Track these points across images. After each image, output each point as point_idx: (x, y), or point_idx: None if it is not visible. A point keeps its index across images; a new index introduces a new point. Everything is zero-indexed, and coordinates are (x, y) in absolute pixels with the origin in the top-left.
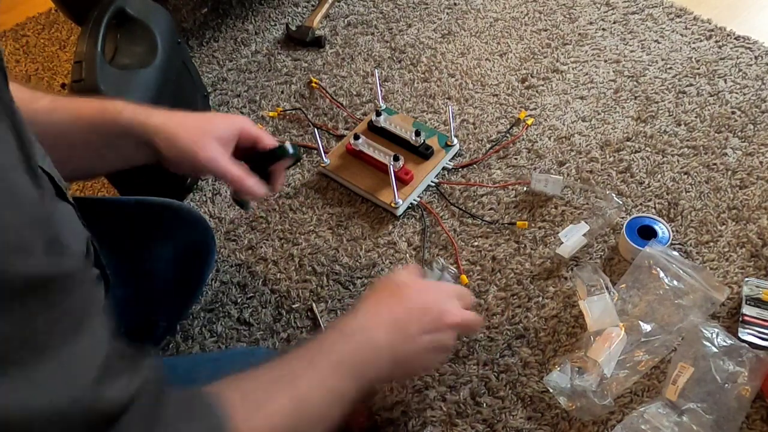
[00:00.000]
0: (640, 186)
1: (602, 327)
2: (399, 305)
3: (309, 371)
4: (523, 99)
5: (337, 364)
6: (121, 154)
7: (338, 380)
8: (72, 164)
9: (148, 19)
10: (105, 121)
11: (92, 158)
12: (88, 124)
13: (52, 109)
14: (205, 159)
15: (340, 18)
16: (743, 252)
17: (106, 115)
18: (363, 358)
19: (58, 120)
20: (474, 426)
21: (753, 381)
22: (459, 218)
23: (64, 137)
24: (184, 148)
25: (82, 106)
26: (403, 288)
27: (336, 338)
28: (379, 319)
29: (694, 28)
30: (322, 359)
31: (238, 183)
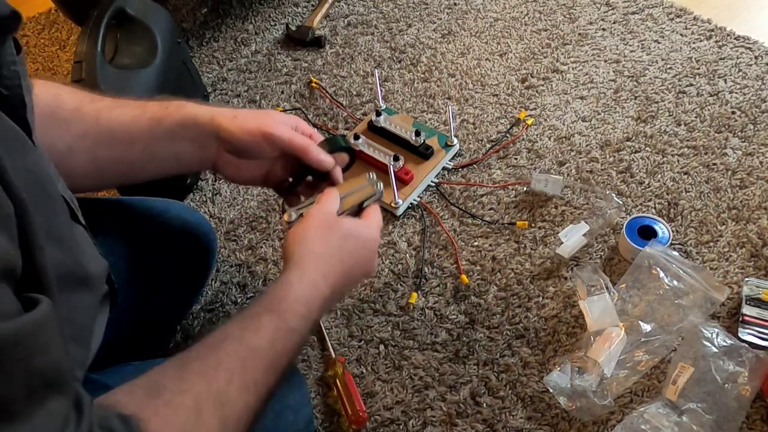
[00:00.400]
0: (640, 186)
1: (602, 327)
2: (341, 264)
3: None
4: (523, 99)
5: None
6: (176, 151)
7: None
8: (126, 164)
9: (148, 19)
10: (169, 112)
11: (148, 157)
12: (152, 117)
13: (117, 105)
14: (269, 129)
15: (340, 18)
16: (743, 252)
17: (170, 107)
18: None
19: (121, 114)
20: (474, 426)
21: (753, 381)
22: (459, 218)
23: (125, 131)
24: (248, 123)
25: (146, 102)
26: (342, 240)
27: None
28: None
29: (694, 28)
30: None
31: (304, 148)
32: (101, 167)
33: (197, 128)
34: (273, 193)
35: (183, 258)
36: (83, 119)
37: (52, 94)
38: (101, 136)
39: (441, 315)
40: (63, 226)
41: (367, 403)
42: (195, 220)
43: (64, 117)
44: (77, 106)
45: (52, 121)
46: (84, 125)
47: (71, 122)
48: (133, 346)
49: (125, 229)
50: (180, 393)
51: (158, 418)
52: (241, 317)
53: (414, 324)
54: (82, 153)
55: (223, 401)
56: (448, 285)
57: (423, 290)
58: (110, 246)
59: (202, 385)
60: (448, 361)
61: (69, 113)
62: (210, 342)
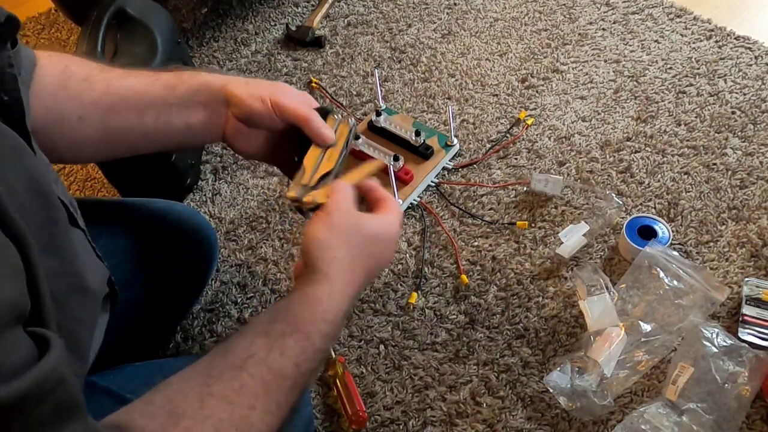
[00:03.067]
0: (640, 186)
1: (602, 327)
2: (366, 271)
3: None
4: (523, 99)
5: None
6: (189, 119)
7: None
8: (139, 132)
9: (148, 19)
10: (183, 79)
11: (160, 124)
12: (165, 84)
13: (127, 74)
14: (277, 98)
15: (340, 18)
16: (743, 252)
17: (184, 75)
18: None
19: (134, 82)
20: (474, 426)
21: (753, 381)
22: (459, 218)
23: (138, 98)
24: (258, 89)
25: (159, 71)
26: (368, 245)
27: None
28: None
29: (694, 28)
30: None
31: (307, 119)
32: (113, 136)
33: (209, 94)
34: (273, 193)
35: (184, 259)
36: (94, 88)
37: (61, 65)
38: (113, 103)
39: (441, 315)
40: (61, 234)
41: (367, 403)
42: (196, 221)
43: (74, 87)
44: (87, 76)
45: (63, 92)
46: (95, 94)
47: (82, 92)
48: (133, 346)
49: (127, 230)
50: (201, 420)
51: None
52: (266, 334)
53: (414, 324)
54: (94, 122)
55: (245, 427)
56: (448, 285)
57: (423, 290)
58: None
59: (224, 411)
60: (448, 361)
61: (79, 83)
62: (233, 360)
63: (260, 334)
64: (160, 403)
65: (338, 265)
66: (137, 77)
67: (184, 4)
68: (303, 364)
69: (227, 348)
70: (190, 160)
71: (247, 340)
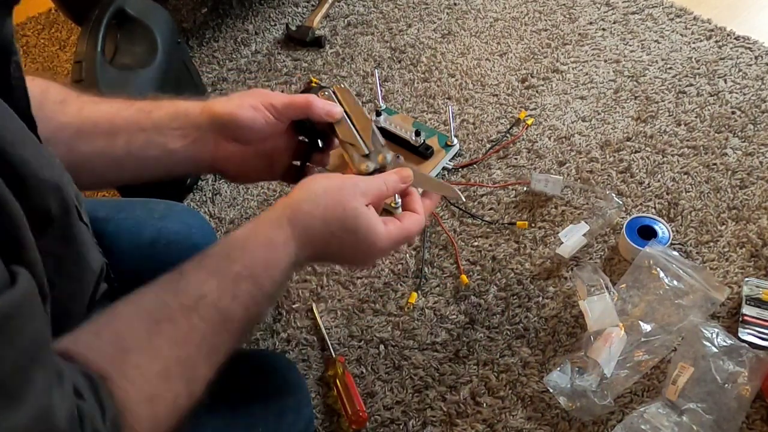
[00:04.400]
0: (640, 186)
1: (602, 327)
2: (329, 250)
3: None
4: (523, 99)
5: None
6: (164, 147)
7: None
8: (107, 159)
9: (148, 19)
10: (158, 105)
11: (131, 152)
12: (138, 109)
13: (102, 100)
14: (267, 95)
15: (340, 18)
16: (743, 252)
17: (161, 100)
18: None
19: (106, 106)
20: (474, 426)
21: (753, 381)
22: (459, 218)
23: (108, 122)
24: (243, 98)
25: (136, 98)
26: (345, 232)
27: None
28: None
29: (694, 28)
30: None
31: (307, 102)
32: (80, 162)
33: (188, 121)
34: (273, 193)
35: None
36: (66, 111)
37: (41, 87)
38: (82, 126)
39: (441, 315)
40: (73, 222)
41: (367, 403)
42: (197, 223)
43: (48, 108)
44: (63, 99)
45: (38, 112)
46: (66, 116)
47: (54, 114)
48: None
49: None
50: (150, 357)
51: (126, 381)
52: (220, 275)
53: (414, 324)
54: (59, 145)
55: (192, 366)
56: (448, 285)
57: (423, 290)
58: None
59: (172, 350)
60: (448, 361)
61: (53, 105)
62: (184, 300)
63: (213, 274)
64: (108, 338)
65: (307, 228)
66: (111, 102)
67: (184, 4)
68: (252, 308)
69: (178, 286)
70: None
71: (199, 278)
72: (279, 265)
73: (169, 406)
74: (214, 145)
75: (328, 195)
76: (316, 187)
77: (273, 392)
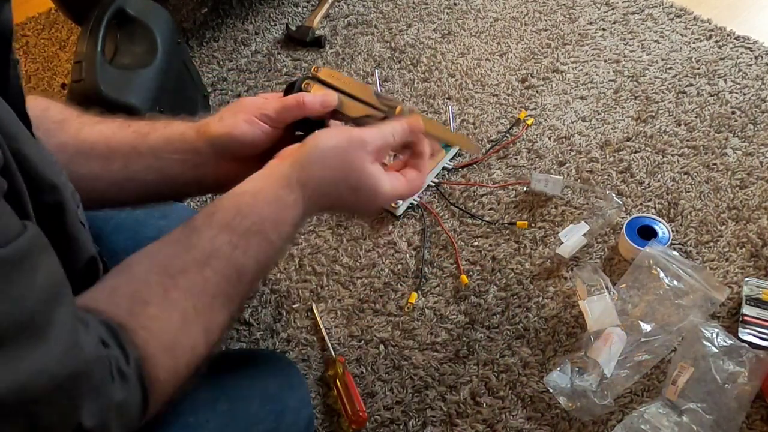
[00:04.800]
0: (640, 186)
1: (602, 327)
2: (337, 203)
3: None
4: (523, 99)
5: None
6: (162, 170)
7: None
8: (105, 181)
9: (148, 19)
10: (154, 127)
11: (129, 173)
12: (136, 130)
13: (102, 120)
14: (260, 105)
15: (340, 18)
16: (743, 252)
17: (157, 123)
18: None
19: (104, 128)
20: (474, 426)
21: (753, 381)
22: (459, 218)
23: (105, 144)
24: (236, 114)
25: (133, 118)
26: (352, 189)
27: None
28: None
29: (694, 28)
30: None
31: (300, 100)
32: (77, 184)
33: (185, 144)
34: None
35: None
36: (65, 131)
37: (41, 107)
38: (80, 148)
39: (441, 315)
40: (71, 217)
41: (367, 403)
42: None
43: (47, 128)
44: (62, 119)
45: (36, 131)
46: (64, 137)
47: (53, 133)
48: None
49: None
50: (167, 308)
51: (145, 331)
52: (231, 230)
53: (414, 324)
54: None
55: (208, 316)
56: (448, 285)
57: (423, 290)
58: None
59: (188, 301)
60: (448, 361)
61: (53, 124)
62: (196, 255)
63: (224, 229)
64: (125, 292)
65: (316, 183)
66: (108, 123)
67: (184, 4)
68: (263, 261)
69: (191, 241)
70: None
71: (211, 233)
72: (288, 222)
73: (188, 353)
74: (215, 167)
75: (336, 155)
76: (324, 146)
77: (273, 392)
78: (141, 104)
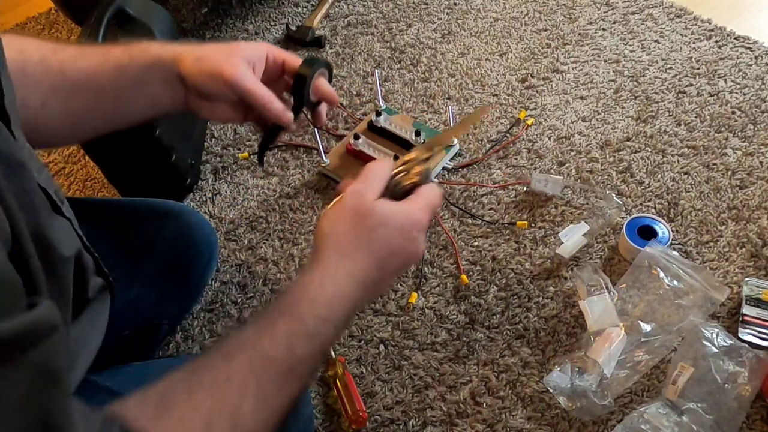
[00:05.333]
0: (640, 186)
1: (602, 327)
2: (371, 257)
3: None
4: (523, 99)
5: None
6: (149, 96)
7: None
8: (100, 113)
9: (148, 19)
10: (133, 57)
11: (120, 104)
12: (116, 65)
13: (80, 55)
14: (231, 76)
15: (340, 18)
16: (743, 252)
17: (133, 51)
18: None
19: (85, 65)
20: (474, 426)
21: (753, 381)
22: (459, 218)
23: (92, 82)
24: (210, 67)
25: (109, 49)
26: (373, 230)
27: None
28: (351, 281)
29: (694, 28)
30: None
31: (264, 103)
32: (76, 120)
33: (163, 70)
34: (273, 192)
35: (184, 259)
36: (49, 72)
37: (18, 47)
38: (71, 87)
39: (441, 315)
40: (43, 220)
41: (367, 403)
42: (196, 221)
43: (32, 72)
44: (41, 59)
45: (22, 76)
46: (52, 79)
47: (40, 77)
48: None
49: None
50: (191, 409)
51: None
52: (256, 322)
53: (414, 324)
54: (55, 107)
55: (235, 418)
56: (448, 285)
57: (423, 290)
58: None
59: (213, 400)
60: (448, 361)
61: (36, 67)
62: (223, 350)
63: (252, 324)
64: (152, 395)
65: (334, 249)
66: (87, 59)
67: (184, 4)
68: (297, 348)
69: (220, 342)
70: (190, 160)
71: (239, 331)
72: (317, 299)
73: None
74: (185, 93)
75: (344, 214)
76: (331, 217)
77: None
78: None
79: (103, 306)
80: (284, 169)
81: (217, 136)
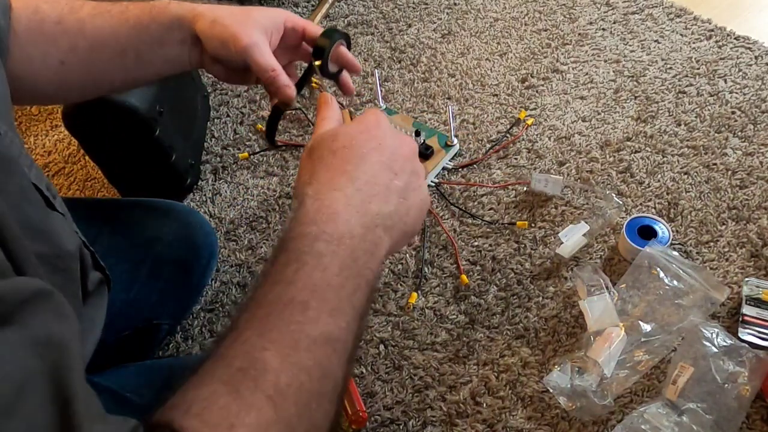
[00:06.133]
0: (640, 186)
1: (602, 327)
2: (355, 167)
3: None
4: (523, 99)
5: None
6: (169, 55)
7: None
8: (120, 71)
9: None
10: (152, 16)
11: (140, 62)
12: (136, 23)
13: (98, 13)
14: (243, 46)
15: (340, 18)
16: (743, 252)
17: (153, 11)
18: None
19: (105, 24)
20: (474, 426)
21: (753, 381)
22: (459, 218)
23: (112, 41)
24: (225, 33)
25: (128, 6)
26: (347, 144)
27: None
28: (340, 197)
29: (694, 28)
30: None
31: (267, 76)
32: (97, 77)
33: (182, 30)
34: (273, 192)
35: (184, 259)
36: (68, 32)
37: (32, 8)
38: (92, 47)
39: (441, 315)
40: (36, 215)
41: (367, 403)
42: (196, 221)
43: (49, 31)
44: (59, 18)
45: (40, 37)
46: (71, 39)
47: (58, 36)
48: (133, 346)
49: (127, 230)
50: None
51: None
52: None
53: (414, 324)
54: (76, 66)
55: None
56: (448, 285)
57: (423, 290)
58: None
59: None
60: (448, 361)
61: (53, 27)
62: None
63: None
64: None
65: (308, 177)
66: (106, 17)
67: None
68: (303, 289)
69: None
70: (190, 160)
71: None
72: (305, 237)
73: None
74: (200, 52)
75: (303, 162)
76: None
77: None
78: (141, 104)
79: (102, 300)
80: (284, 169)
81: (217, 136)
